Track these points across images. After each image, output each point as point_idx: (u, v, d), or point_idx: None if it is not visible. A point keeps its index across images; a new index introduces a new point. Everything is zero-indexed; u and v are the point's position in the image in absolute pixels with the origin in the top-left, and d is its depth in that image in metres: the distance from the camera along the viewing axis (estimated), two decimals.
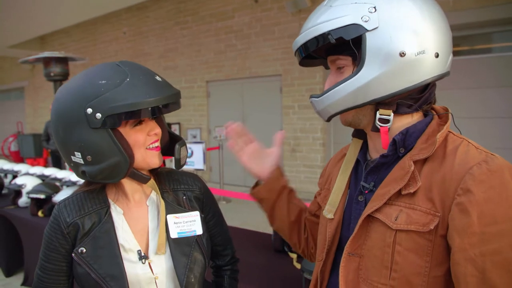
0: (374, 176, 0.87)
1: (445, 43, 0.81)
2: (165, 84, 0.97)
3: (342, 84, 0.81)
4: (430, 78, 0.80)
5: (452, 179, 0.73)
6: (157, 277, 1.03)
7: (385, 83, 0.78)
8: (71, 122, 0.90)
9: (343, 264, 0.84)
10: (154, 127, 1.00)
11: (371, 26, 0.77)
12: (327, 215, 0.94)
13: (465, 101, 5.46)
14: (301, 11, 6.78)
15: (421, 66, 0.78)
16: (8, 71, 14.46)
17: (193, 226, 1.08)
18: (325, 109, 0.86)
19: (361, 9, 0.78)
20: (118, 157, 0.91)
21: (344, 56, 0.84)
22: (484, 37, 5.65)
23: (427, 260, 0.74)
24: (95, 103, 0.88)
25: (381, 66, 0.78)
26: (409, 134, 0.82)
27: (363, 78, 0.79)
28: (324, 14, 0.82)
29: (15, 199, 3.56)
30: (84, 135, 0.90)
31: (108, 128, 0.89)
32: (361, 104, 0.81)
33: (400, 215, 0.77)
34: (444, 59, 0.81)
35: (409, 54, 0.77)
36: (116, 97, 0.88)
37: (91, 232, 1.00)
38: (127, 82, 0.90)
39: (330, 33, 0.79)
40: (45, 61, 4.70)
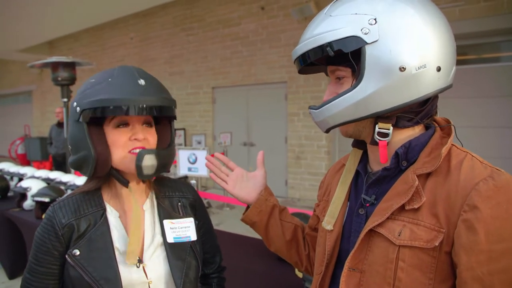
0: (375, 189, 0.86)
1: (448, 56, 0.79)
2: (145, 89, 0.96)
3: (341, 97, 0.80)
4: (431, 93, 0.78)
5: (457, 195, 0.72)
6: (151, 281, 1.02)
7: (384, 98, 0.77)
8: (70, 116, 1.01)
9: (343, 279, 0.82)
10: (138, 132, 0.98)
11: (371, 38, 0.75)
12: (326, 227, 0.92)
13: (467, 110, 5.44)
14: (307, 18, 6.81)
15: (422, 81, 0.76)
16: (16, 75, 14.60)
17: (187, 232, 1.09)
18: (324, 120, 0.85)
19: (361, 21, 0.76)
20: (86, 151, 0.95)
21: (343, 67, 0.82)
22: (490, 47, 5.64)
23: (430, 277, 0.73)
24: (78, 98, 0.97)
25: (381, 80, 0.76)
26: (411, 147, 0.81)
27: (362, 92, 0.77)
28: (323, 24, 0.81)
29: (20, 202, 3.59)
30: (71, 127, 1.00)
31: (84, 121, 0.94)
32: (360, 118, 0.80)
33: (403, 231, 0.75)
34: (446, 73, 0.79)
35: (409, 69, 0.75)
36: (93, 93, 0.94)
37: (86, 234, 0.99)
38: (108, 82, 0.96)
39: (329, 45, 0.77)
40: (53, 65, 4.73)
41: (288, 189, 7.48)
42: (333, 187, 1.00)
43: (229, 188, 1.12)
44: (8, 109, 15.96)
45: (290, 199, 7.28)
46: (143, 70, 1.03)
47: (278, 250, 1.15)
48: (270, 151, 7.72)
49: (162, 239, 1.06)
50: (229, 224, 5.21)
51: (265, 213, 1.10)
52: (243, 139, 8.06)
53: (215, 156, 1.16)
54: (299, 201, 7.08)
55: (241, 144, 8.05)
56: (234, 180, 1.13)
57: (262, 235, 1.14)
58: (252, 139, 8.02)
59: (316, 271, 0.95)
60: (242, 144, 8.06)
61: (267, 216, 1.10)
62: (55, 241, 0.98)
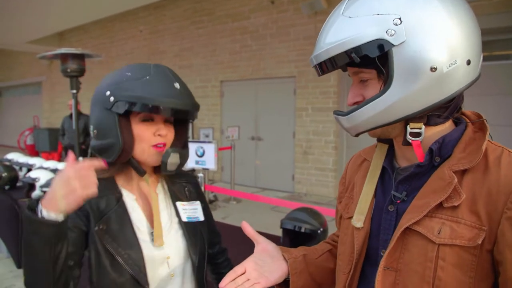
0: (406, 185, 0.83)
1: (476, 46, 0.76)
2: (182, 93, 1.04)
3: (369, 103, 0.76)
4: (463, 87, 0.75)
5: (499, 192, 0.71)
6: (169, 257, 1.09)
7: (416, 100, 0.74)
8: (95, 100, 1.06)
9: (379, 279, 0.79)
10: (161, 128, 1.06)
11: (398, 40, 0.71)
12: (356, 224, 0.88)
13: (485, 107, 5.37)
14: (317, 13, 6.76)
15: (454, 78, 0.73)
16: (26, 66, 14.72)
17: (196, 213, 1.18)
18: (353, 127, 0.82)
19: (385, 22, 0.71)
20: (114, 139, 1.00)
21: (368, 69, 0.78)
22: (504, 43, 5.56)
23: (471, 275, 0.72)
24: (113, 88, 1.01)
25: (411, 83, 0.72)
26: (445, 143, 0.79)
27: (392, 96, 0.73)
28: (342, 27, 0.76)
29: (28, 192, 3.62)
30: (98, 113, 1.03)
31: (116, 111, 1.00)
32: (391, 122, 0.77)
33: (443, 229, 0.73)
34: (476, 64, 0.76)
35: (440, 68, 0.71)
36: (130, 87, 1.00)
37: (107, 213, 1.03)
38: (145, 79, 1.01)
39: (353, 50, 0.73)
40: (62, 57, 4.73)
41: (295, 184, 7.47)
42: (356, 182, 0.96)
43: (266, 282, 0.92)
44: (18, 100, 16.12)
45: (297, 193, 7.27)
46: (174, 72, 1.09)
47: (330, 285, 1.05)
48: (277, 146, 7.71)
49: (178, 219, 1.15)
50: (235, 218, 5.21)
51: (304, 270, 0.99)
52: (251, 133, 8.05)
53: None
54: (306, 196, 7.07)
55: (249, 138, 8.05)
56: (259, 273, 0.93)
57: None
58: (260, 134, 8.01)
59: (344, 270, 0.92)
60: (250, 138, 8.06)
61: (307, 270, 1.00)
62: (78, 212, 0.99)
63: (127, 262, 1.00)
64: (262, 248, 0.98)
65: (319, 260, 1.04)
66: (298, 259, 0.99)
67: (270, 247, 0.99)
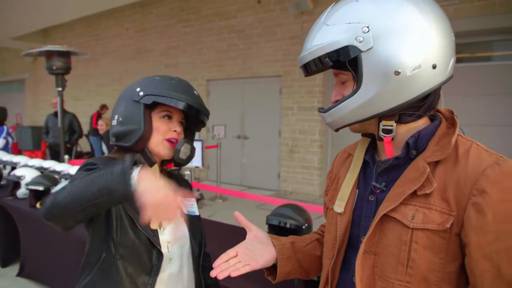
0: (385, 176, 0.91)
1: (445, 50, 0.82)
2: (198, 97, 1.23)
3: (345, 101, 0.84)
4: (428, 90, 0.82)
5: (466, 180, 0.77)
6: (169, 241, 1.21)
7: (384, 100, 0.81)
8: (124, 96, 1.22)
9: (359, 262, 0.87)
10: (177, 126, 1.23)
11: (366, 46, 0.79)
12: (337, 210, 0.97)
13: (466, 108, 5.51)
14: (303, 13, 6.82)
15: (418, 81, 0.80)
16: (10, 63, 14.47)
17: (193, 208, 1.33)
18: (333, 122, 0.90)
19: (355, 29, 0.79)
20: (136, 125, 1.16)
21: (344, 71, 0.86)
22: (485, 45, 5.71)
23: (441, 257, 0.78)
24: (143, 86, 1.19)
25: (379, 85, 0.80)
26: (420, 137, 0.86)
27: (362, 96, 0.82)
28: (320, 34, 0.85)
29: (13, 190, 3.59)
30: (126, 104, 1.20)
31: (143, 102, 1.16)
32: (364, 119, 0.85)
33: (416, 215, 0.80)
34: (443, 68, 0.82)
35: (404, 72, 0.78)
36: (159, 86, 1.18)
37: None
38: (172, 83, 1.21)
39: (327, 55, 0.82)
40: (48, 54, 4.71)
41: (281, 182, 7.53)
42: (341, 175, 1.04)
43: (256, 265, 1.01)
44: (0, 98, 15.81)
45: (282, 192, 7.34)
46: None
47: (317, 272, 1.14)
48: (263, 144, 7.77)
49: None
50: (221, 216, 5.23)
51: (292, 256, 1.07)
52: (237, 132, 8.09)
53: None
54: (291, 194, 7.14)
55: (235, 137, 8.09)
56: (250, 256, 1.02)
57: (299, 275, 1.12)
58: (246, 132, 8.06)
59: (327, 256, 0.99)
60: (236, 137, 8.10)
61: (294, 256, 1.08)
62: None
63: (143, 227, 1.13)
64: (254, 235, 1.06)
65: (307, 248, 1.12)
66: (286, 246, 1.07)
67: (260, 234, 1.07)
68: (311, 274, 1.14)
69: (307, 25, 6.84)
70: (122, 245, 1.12)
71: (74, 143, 7.35)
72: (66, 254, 2.95)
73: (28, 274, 3.51)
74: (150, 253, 1.15)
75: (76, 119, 7.31)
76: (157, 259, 1.15)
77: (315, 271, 1.14)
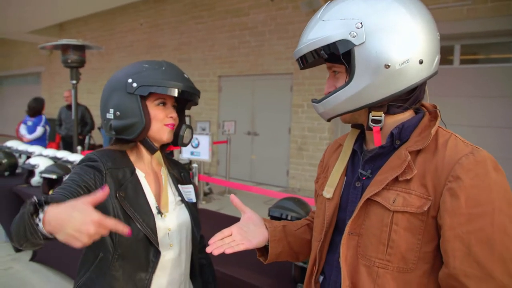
0: (371, 164, 0.97)
1: (430, 47, 0.88)
2: (189, 80, 1.25)
3: (336, 92, 0.91)
4: (415, 83, 0.89)
5: (443, 168, 0.83)
6: (170, 229, 1.24)
7: (374, 91, 0.88)
8: (115, 87, 1.21)
9: (344, 242, 0.94)
10: (172, 112, 1.26)
11: (359, 41, 0.85)
12: (326, 195, 1.04)
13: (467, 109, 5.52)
14: (315, 11, 6.75)
15: (406, 74, 0.87)
16: (26, 56, 14.74)
17: (190, 195, 1.38)
18: (324, 112, 0.97)
19: (349, 25, 0.86)
20: (137, 118, 1.18)
21: (338, 64, 0.93)
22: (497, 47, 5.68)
23: (419, 238, 0.85)
24: (135, 76, 1.19)
25: (369, 77, 0.86)
26: (404, 128, 0.93)
27: (354, 87, 0.88)
28: (316, 28, 0.92)
29: (28, 178, 3.72)
30: (120, 97, 1.20)
31: (139, 94, 1.17)
32: (355, 109, 0.92)
33: (397, 199, 0.87)
34: (429, 63, 0.89)
35: (393, 65, 0.85)
36: (151, 75, 1.19)
37: (124, 183, 1.18)
38: (162, 70, 1.22)
39: (322, 49, 0.89)
40: (63, 48, 4.84)
41: (289, 179, 7.58)
42: (331, 164, 1.11)
43: (249, 244, 1.08)
44: (17, 90, 16.12)
45: (291, 189, 7.39)
46: None
47: (306, 255, 1.20)
48: (273, 141, 7.82)
49: (180, 197, 1.33)
50: (230, 210, 5.29)
51: (282, 238, 1.15)
52: (247, 128, 8.16)
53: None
54: (300, 191, 7.18)
55: (245, 133, 8.15)
56: (243, 237, 1.09)
57: (289, 258, 1.19)
58: (256, 129, 8.12)
59: (316, 238, 1.07)
60: (246, 133, 8.17)
61: (285, 239, 1.15)
62: (97, 175, 1.14)
63: (142, 225, 1.15)
64: (248, 217, 1.15)
65: (298, 232, 1.19)
66: (277, 229, 1.15)
67: (254, 216, 1.15)
68: (301, 257, 1.21)
69: None
70: (120, 244, 1.13)
71: (85, 134, 7.50)
72: None
73: (40, 259, 3.63)
74: (148, 251, 1.17)
75: (88, 111, 7.45)
76: (154, 256, 1.17)
77: (304, 254, 1.20)
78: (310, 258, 1.09)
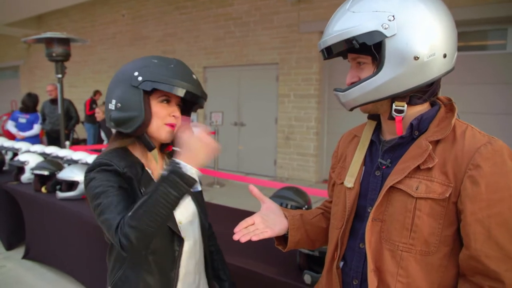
0: (390, 154, 1.02)
1: (452, 43, 0.94)
2: (197, 82, 1.23)
3: (364, 82, 0.95)
4: (438, 76, 0.94)
5: (463, 157, 0.89)
6: (181, 222, 1.26)
7: (401, 82, 0.92)
8: (122, 78, 1.20)
9: (368, 228, 0.98)
10: (176, 110, 1.23)
11: (390, 33, 0.89)
12: (347, 185, 1.08)
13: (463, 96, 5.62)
14: (301, 1, 6.86)
15: (432, 67, 0.92)
16: (3, 49, 14.35)
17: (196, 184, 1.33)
18: (348, 102, 1.01)
19: (381, 17, 0.90)
20: (137, 112, 1.16)
21: (364, 55, 0.96)
22: (479, 34, 5.80)
23: (440, 222, 0.91)
24: (142, 70, 1.17)
25: (398, 68, 0.91)
26: (423, 119, 0.98)
27: (382, 77, 0.92)
28: (347, 19, 0.94)
29: (17, 175, 3.67)
30: (124, 89, 1.18)
31: (142, 88, 1.15)
32: (380, 99, 0.96)
33: (420, 186, 0.92)
34: (450, 58, 0.95)
35: (422, 58, 0.90)
36: (158, 71, 1.17)
37: (141, 179, 1.19)
38: (170, 67, 1.19)
39: (354, 38, 0.91)
40: (47, 41, 4.75)
41: (277, 169, 7.65)
42: (348, 154, 1.16)
43: (272, 232, 1.14)
44: None
45: (279, 178, 7.46)
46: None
47: (322, 242, 1.27)
48: (260, 131, 7.85)
49: None
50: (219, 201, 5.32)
51: (301, 227, 1.20)
52: (234, 119, 8.17)
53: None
54: (288, 180, 7.26)
55: (232, 124, 8.17)
56: (266, 225, 1.14)
57: (306, 245, 1.25)
58: (242, 119, 8.14)
59: (337, 225, 1.11)
60: (233, 124, 8.18)
61: (303, 227, 1.21)
62: (119, 177, 1.14)
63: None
64: (267, 207, 1.19)
65: (314, 220, 1.25)
66: (296, 217, 1.21)
67: (273, 206, 1.20)
68: (317, 244, 1.27)
69: (304, 13, 6.88)
70: None
71: (71, 129, 7.39)
72: (71, 236, 3.05)
73: (33, 257, 3.61)
74: (172, 241, 1.21)
75: (73, 105, 7.34)
76: (178, 245, 1.22)
77: (320, 241, 1.26)
78: (329, 244, 1.14)
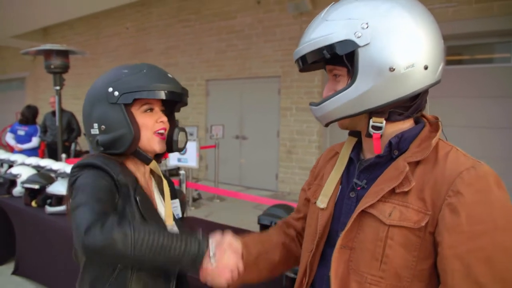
0: (367, 174, 0.93)
1: (436, 54, 0.85)
2: (175, 80, 1.16)
3: (337, 95, 0.87)
4: (419, 89, 0.85)
5: (443, 182, 0.79)
6: None
7: (376, 95, 0.83)
8: (96, 99, 1.12)
9: (335, 255, 0.89)
10: (161, 116, 1.17)
11: (363, 42, 0.82)
12: (320, 205, 0.99)
13: (464, 110, 5.52)
14: (303, 14, 6.83)
15: (410, 79, 0.83)
16: (10, 61, 14.48)
17: (177, 210, 1.32)
18: (323, 116, 0.92)
19: (354, 25, 0.82)
20: (125, 129, 1.09)
21: (339, 67, 0.89)
22: (484, 48, 5.72)
23: (414, 254, 0.80)
24: (115, 84, 1.09)
25: (373, 80, 0.82)
26: (404, 138, 0.89)
27: (356, 90, 0.84)
28: (320, 28, 0.87)
29: (9, 189, 3.60)
30: (103, 109, 1.10)
31: (122, 104, 1.08)
32: (355, 113, 0.87)
33: (393, 212, 0.82)
34: (433, 70, 0.85)
35: (398, 69, 0.81)
36: (132, 80, 1.10)
37: (135, 190, 1.11)
38: (143, 72, 1.13)
39: (325, 48, 0.84)
40: (46, 53, 4.72)
41: (279, 183, 7.54)
42: (326, 172, 1.06)
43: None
44: (1, 96, 15.82)
45: (280, 192, 7.35)
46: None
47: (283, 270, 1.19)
48: (261, 145, 7.77)
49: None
50: (218, 216, 5.25)
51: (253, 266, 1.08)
52: (236, 132, 8.10)
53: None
54: (289, 195, 7.14)
55: (233, 137, 8.09)
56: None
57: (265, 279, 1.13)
58: (244, 133, 8.06)
59: (307, 248, 1.01)
60: (234, 137, 8.10)
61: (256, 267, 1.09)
62: (112, 182, 1.05)
63: None
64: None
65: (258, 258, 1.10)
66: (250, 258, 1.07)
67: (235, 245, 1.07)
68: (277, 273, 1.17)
69: (306, 26, 6.79)
70: None
71: (72, 141, 7.35)
72: (62, 252, 2.95)
73: (23, 273, 3.51)
74: None
75: (74, 117, 7.31)
76: None
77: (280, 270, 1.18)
78: (300, 268, 1.04)
